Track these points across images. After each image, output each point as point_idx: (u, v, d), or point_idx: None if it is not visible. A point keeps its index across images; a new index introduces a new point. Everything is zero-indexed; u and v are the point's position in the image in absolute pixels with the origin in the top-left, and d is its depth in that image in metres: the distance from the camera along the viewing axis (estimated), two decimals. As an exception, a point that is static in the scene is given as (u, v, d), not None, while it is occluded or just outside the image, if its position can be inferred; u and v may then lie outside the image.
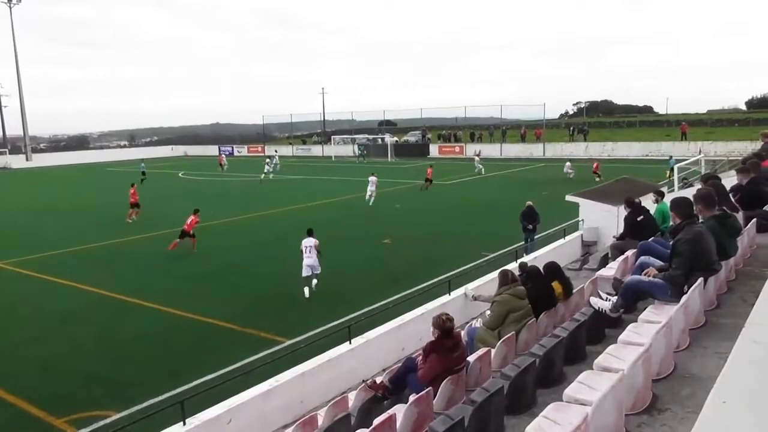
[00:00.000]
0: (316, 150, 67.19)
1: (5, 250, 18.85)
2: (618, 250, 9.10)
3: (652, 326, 4.45)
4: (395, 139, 63.07)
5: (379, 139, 64.55)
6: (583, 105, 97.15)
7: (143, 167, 41.80)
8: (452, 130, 64.34)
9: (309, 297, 12.82)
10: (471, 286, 11.02)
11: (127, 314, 12.52)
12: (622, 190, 15.66)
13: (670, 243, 5.60)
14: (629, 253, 7.61)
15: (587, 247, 15.22)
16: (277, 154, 51.55)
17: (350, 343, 8.59)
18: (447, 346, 5.30)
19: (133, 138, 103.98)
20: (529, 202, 16.38)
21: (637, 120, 69.29)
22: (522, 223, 16.12)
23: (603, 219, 14.88)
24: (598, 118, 79.13)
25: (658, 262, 5.67)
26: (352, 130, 71.77)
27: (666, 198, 11.00)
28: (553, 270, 7.34)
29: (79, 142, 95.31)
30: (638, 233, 8.83)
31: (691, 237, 5.08)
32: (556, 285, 7.17)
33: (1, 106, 70.14)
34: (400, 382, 5.68)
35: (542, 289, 7.04)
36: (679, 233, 5.26)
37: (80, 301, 13.48)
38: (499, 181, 34.99)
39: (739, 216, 6.80)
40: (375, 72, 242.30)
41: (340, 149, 63.42)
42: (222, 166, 48.12)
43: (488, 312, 7.15)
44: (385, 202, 26.29)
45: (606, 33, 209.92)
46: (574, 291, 7.29)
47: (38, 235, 21.58)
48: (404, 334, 9.35)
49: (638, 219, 9.63)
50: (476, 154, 46.05)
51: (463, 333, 6.68)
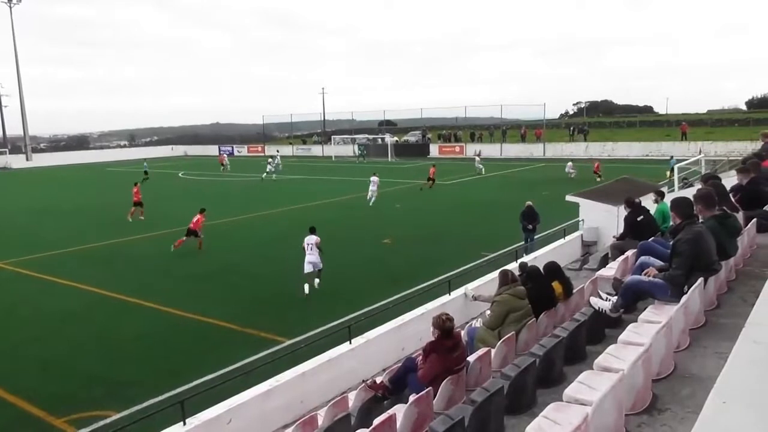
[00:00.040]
0: (316, 150, 67.13)
1: (5, 250, 18.86)
2: (618, 250, 9.10)
3: (652, 326, 4.45)
4: (395, 139, 62.99)
5: (379, 139, 64.49)
6: (583, 105, 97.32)
7: (146, 166, 41.87)
8: (452, 130, 64.28)
9: (308, 294, 12.89)
10: (471, 286, 11.02)
11: (127, 314, 12.52)
12: (622, 190, 15.66)
13: (670, 243, 5.60)
14: (629, 253, 7.62)
15: (587, 247, 15.22)
16: (279, 154, 51.54)
17: (350, 343, 8.59)
18: (447, 346, 5.30)
19: (133, 138, 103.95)
20: (529, 202, 16.38)
21: (637, 120, 69.30)
22: (522, 223, 16.12)
23: (603, 219, 14.88)
24: (599, 118, 79.16)
25: (658, 262, 5.67)
26: (352, 130, 71.71)
27: (666, 198, 11.00)
28: (553, 270, 7.34)
29: (79, 142, 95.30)
30: (638, 233, 8.83)
31: (691, 237, 5.08)
32: (556, 285, 7.17)
33: (1, 105, 70.35)
34: (400, 382, 5.68)
35: (542, 289, 7.05)
36: (679, 233, 5.26)
37: (80, 301, 13.48)
38: (499, 181, 34.99)
39: (740, 216, 6.80)
40: (375, 72, 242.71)
41: (340, 149, 63.38)
42: (224, 165, 48.11)
43: (488, 312, 7.15)
44: (386, 202, 26.29)
45: (606, 33, 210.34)
46: (574, 291, 7.29)
47: (38, 235, 21.58)
48: (404, 334, 9.35)
49: (638, 219, 9.63)
50: (476, 154, 46.05)
51: (463, 333, 6.68)
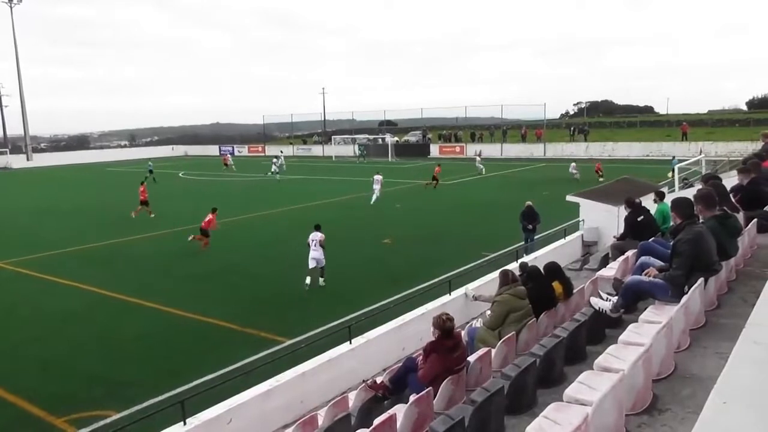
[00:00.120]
0: (317, 150, 67.15)
1: (6, 249, 18.86)
2: (618, 250, 9.09)
3: (652, 326, 4.45)
4: (396, 139, 63.00)
5: (380, 139, 64.51)
6: (583, 105, 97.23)
7: (150, 166, 42.02)
8: (453, 130, 64.29)
9: (309, 286, 13.19)
10: (471, 286, 11.02)
11: (127, 314, 12.53)
12: (622, 190, 15.66)
13: (671, 243, 5.60)
14: (629, 253, 7.61)
15: (588, 247, 15.22)
16: (282, 154, 51.59)
17: (350, 343, 8.59)
18: (447, 346, 5.30)
19: (133, 138, 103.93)
20: (529, 202, 16.38)
21: (638, 120, 69.22)
22: (522, 223, 16.13)
23: (603, 219, 14.88)
24: (599, 118, 79.08)
25: (659, 263, 5.67)
26: (352, 130, 71.72)
27: (666, 198, 10.99)
28: (554, 270, 7.34)
29: (80, 142, 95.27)
30: (638, 233, 8.82)
31: (691, 237, 5.08)
32: (556, 285, 7.17)
33: (2, 105, 70.48)
34: (401, 382, 5.67)
35: (543, 289, 7.05)
36: (679, 233, 5.26)
37: (80, 301, 13.49)
38: (499, 181, 35.00)
39: (740, 216, 6.80)
40: (375, 72, 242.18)
41: (340, 149, 63.39)
42: (228, 165, 48.44)
43: (488, 312, 7.15)
44: (386, 202, 26.31)
45: (606, 33, 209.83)
46: (575, 291, 7.29)
47: (39, 235, 21.59)
48: (404, 334, 9.35)
49: (638, 219, 9.62)
50: (477, 154, 46.06)
51: (463, 333, 6.68)
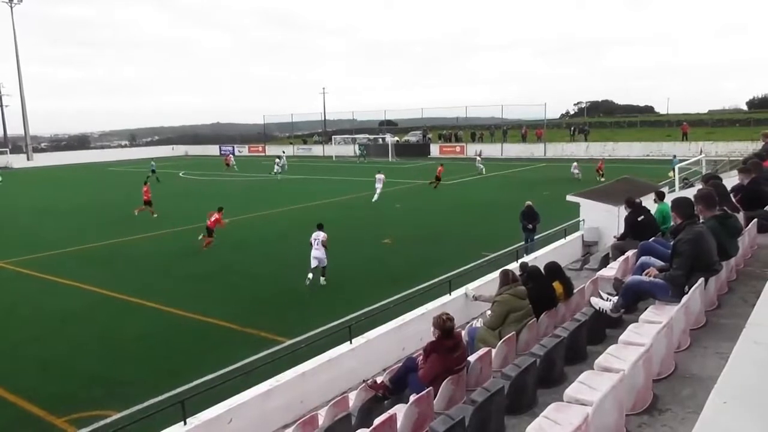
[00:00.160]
0: (317, 150, 67.15)
1: (6, 249, 18.87)
2: (619, 250, 9.09)
3: (652, 326, 4.45)
4: (396, 138, 63.00)
5: (380, 139, 64.53)
6: (583, 105, 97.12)
7: (153, 166, 42.17)
8: (453, 130, 64.29)
9: (310, 282, 13.38)
10: (471, 286, 11.02)
11: (127, 314, 12.53)
12: (622, 190, 15.66)
13: (671, 243, 5.60)
14: (630, 253, 7.61)
15: (588, 247, 15.22)
16: (284, 154, 51.63)
17: (351, 343, 8.59)
18: (447, 346, 5.29)
19: (133, 138, 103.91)
20: (529, 202, 16.38)
21: (638, 120, 69.20)
22: (522, 223, 16.12)
23: (604, 219, 14.88)
24: (599, 118, 79.04)
25: (659, 263, 5.67)
26: (352, 130, 71.75)
27: (667, 198, 10.99)
28: (554, 270, 7.34)
29: (80, 142, 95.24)
30: (639, 233, 8.82)
31: (691, 237, 5.08)
32: (556, 285, 7.17)
33: (2, 105, 70.48)
34: (401, 382, 5.67)
35: (543, 289, 7.04)
36: (679, 233, 5.25)
37: (81, 301, 13.49)
38: (499, 181, 34.99)
39: (740, 216, 6.80)
40: (375, 72, 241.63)
41: (340, 149, 63.41)
42: (230, 166, 48.56)
43: (489, 312, 7.15)
44: (386, 202, 26.31)
45: (606, 33, 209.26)
46: (575, 291, 7.28)
47: (39, 235, 21.59)
48: (405, 334, 9.35)
49: (639, 219, 9.61)
50: (477, 154, 46.06)
51: (463, 333, 6.68)
